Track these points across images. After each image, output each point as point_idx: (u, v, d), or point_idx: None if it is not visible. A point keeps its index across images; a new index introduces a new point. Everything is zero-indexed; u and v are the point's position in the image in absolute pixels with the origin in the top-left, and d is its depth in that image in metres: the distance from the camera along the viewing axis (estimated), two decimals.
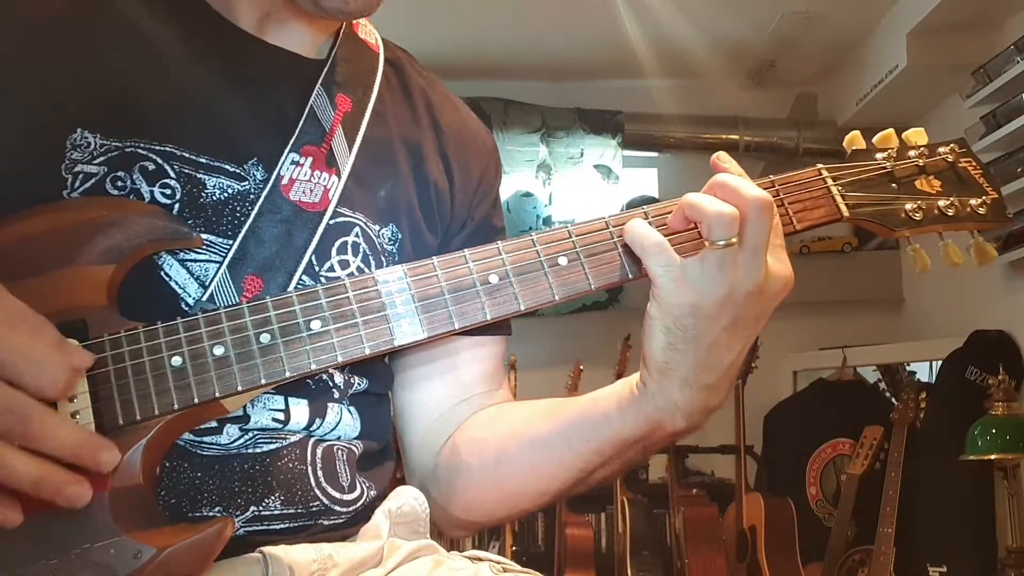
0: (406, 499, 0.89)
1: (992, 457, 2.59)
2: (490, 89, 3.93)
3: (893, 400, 3.52)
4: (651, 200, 4.02)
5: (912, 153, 0.89)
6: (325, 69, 0.88)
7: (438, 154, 0.97)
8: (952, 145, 0.91)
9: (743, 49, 3.80)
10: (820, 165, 0.86)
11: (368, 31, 0.97)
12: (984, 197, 0.89)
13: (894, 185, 0.87)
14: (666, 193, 4.11)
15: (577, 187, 4.03)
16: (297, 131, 0.84)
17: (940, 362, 3.27)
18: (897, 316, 4.06)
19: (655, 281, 0.75)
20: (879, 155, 0.88)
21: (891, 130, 0.90)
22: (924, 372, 3.64)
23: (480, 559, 0.89)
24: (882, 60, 3.50)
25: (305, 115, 0.85)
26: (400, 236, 0.91)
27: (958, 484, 2.87)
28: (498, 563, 0.87)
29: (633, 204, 4.08)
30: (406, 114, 0.96)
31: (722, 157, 0.80)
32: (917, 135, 0.90)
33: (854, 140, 0.89)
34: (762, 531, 3.18)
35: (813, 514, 3.53)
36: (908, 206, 0.86)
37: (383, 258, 0.89)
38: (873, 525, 2.84)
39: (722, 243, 0.72)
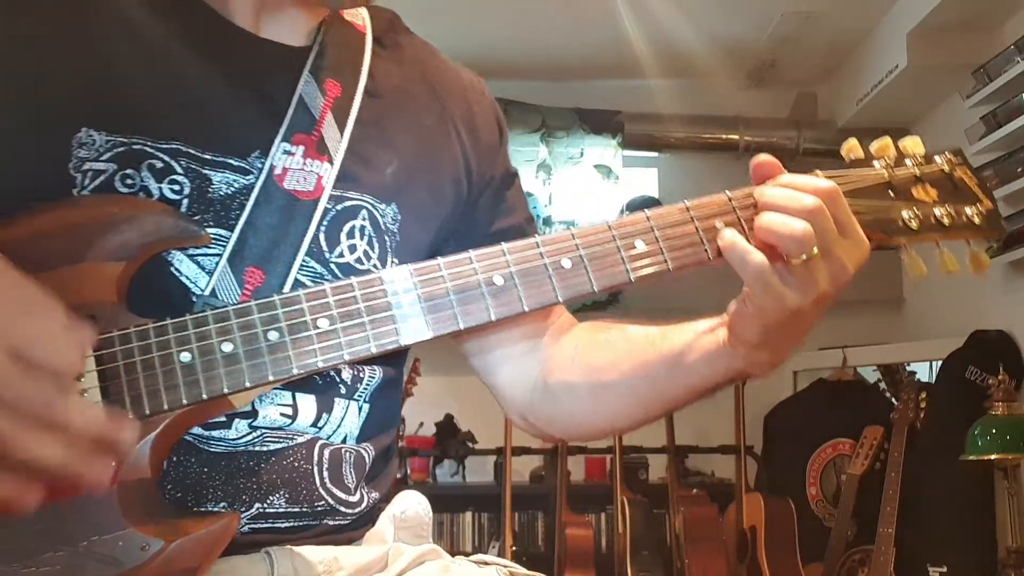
0: (410, 504, 0.90)
1: (992, 457, 2.60)
2: (490, 89, 3.92)
3: (893, 400, 3.53)
4: (652, 200, 4.01)
5: (909, 162, 0.90)
6: (311, 57, 0.89)
7: (443, 123, 0.97)
8: (948, 155, 0.92)
9: (743, 49, 3.80)
10: (818, 171, 0.87)
11: (354, 12, 0.96)
12: (979, 206, 0.90)
13: (891, 193, 0.88)
14: (666, 193, 4.10)
15: (577, 187, 4.03)
16: (287, 121, 0.84)
17: (940, 362, 3.28)
18: (897, 316, 4.07)
19: (759, 301, 0.77)
20: (877, 163, 0.89)
21: (887, 138, 0.91)
22: (924, 372, 3.64)
23: (487, 563, 0.89)
24: (882, 60, 3.50)
25: (293, 104, 0.85)
26: (400, 216, 0.91)
27: (958, 484, 2.88)
28: (505, 567, 0.88)
29: (633, 204, 4.07)
30: (403, 89, 0.96)
31: (763, 160, 0.83)
32: (914, 144, 0.91)
33: (852, 148, 0.90)
34: (762, 531, 3.19)
35: (813, 514, 3.54)
36: (905, 214, 0.87)
37: (386, 238, 0.89)
38: (873, 525, 2.85)
39: (804, 257, 0.75)
